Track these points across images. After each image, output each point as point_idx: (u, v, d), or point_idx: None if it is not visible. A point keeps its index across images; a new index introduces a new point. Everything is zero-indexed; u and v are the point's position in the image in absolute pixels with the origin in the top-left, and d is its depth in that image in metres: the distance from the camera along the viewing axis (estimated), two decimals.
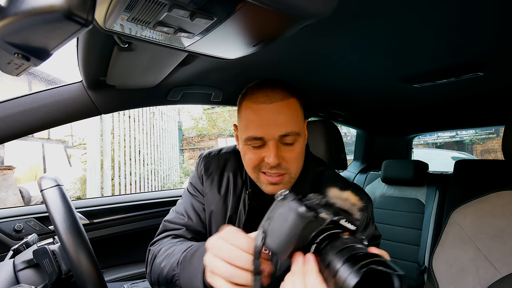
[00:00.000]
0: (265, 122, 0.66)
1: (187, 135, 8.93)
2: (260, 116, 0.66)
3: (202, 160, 0.88)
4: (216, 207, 0.81)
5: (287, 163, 0.69)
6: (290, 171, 0.70)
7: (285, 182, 0.71)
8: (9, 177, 4.36)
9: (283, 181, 0.70)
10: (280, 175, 0.69)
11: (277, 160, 0.66)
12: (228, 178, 0.83)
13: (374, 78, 1.10)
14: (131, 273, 1.28)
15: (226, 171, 0.83)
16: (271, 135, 0.66)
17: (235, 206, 0.79)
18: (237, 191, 0.80)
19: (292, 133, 0.67)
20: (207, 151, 0.91)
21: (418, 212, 1.60)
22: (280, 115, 0.66)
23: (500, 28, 0.70)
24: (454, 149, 8.71)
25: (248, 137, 0.68)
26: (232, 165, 0.84)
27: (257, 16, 0.44)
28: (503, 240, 0.71)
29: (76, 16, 0.29)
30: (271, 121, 0.66)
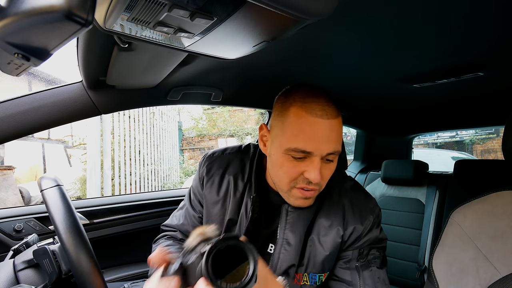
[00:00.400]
0: (319, 138, 0.63)
1: (187, 135, 8.93)
2: (314, 131, 0.62)
3: (206, 160, 0.86)
4: (214, 209, 0.80)
5: (323, 179, 0.66)
6: (322, 186, 0.69)
7: (314, 197, 0.70)
8: (9, 177, 4.36)
9: (314, 196, 0.69)
10: (313, 191, 0.67)
11: (318, 178, 0.63)
12: (228, 180, 0.81)
13: (374, 78, 1.10)
14: (131, 273, 1.28)
15: (228, 173, 0.82)
16: (320, 152, 0.63)
17: (235, 210, 0.77)
18: (237, 195, 0.78)
19: (337, 152, 0.65)
20: (212, 151, 0.89)
21: (418, 212, 1.60)
22: (333, 133, 0.64)
23: (500, 28, 0.70)
24: (454, 149, 8.71)
25: (294, 148, 0.64)
26: (234, 167, 0.82)
27: (257, 16, 0.44)
28: (503, 240, 0.71)
29: (76, 16, 0.29)
30: (325, 138, 0.63)
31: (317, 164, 0.63)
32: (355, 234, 0.72)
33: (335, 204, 0.75)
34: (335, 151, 0.65)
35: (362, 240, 0.73)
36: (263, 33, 0.51)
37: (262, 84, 1.17)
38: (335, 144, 0.64)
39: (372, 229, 0.74)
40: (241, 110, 8.78)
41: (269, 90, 1.27)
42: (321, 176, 0.65)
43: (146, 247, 1.39)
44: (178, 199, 1.47)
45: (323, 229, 0.73)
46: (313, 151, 0.63)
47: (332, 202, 0.76)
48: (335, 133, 0.64)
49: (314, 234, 0.73)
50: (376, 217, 0.75)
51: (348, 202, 0.75)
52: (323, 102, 0.64)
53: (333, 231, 0.72)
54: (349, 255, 0.73)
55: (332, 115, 0.63)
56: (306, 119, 0.63)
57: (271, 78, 1.10)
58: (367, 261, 0.72)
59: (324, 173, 0.66)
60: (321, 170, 0.64)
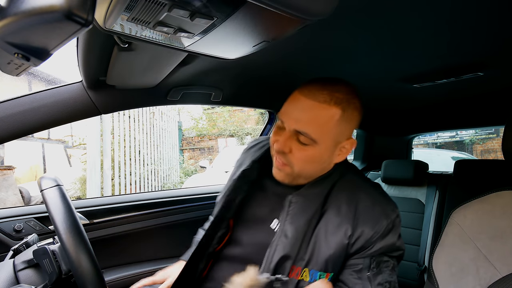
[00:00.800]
0: (291, 112, 0.69)
1: (187, 135, 8.93)
2: (292, 104, 0.69)
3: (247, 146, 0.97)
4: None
5: (293, 158, 0.70)
6: (293, 167, 0.71)
7: (287, 173, 0.73)
8: (9, 177, 4.36)
9: (285, 171, 0.73)
10: (283, 164, 0.72)
11: (281, 147, 0.69)
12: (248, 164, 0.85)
13: (374, 78, 1.10)
14: (131, 273, 1.28)
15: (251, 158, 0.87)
16: (288, 125, 0.69)
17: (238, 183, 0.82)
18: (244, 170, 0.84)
19: (307, 135, 0.67)
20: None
21: (418, 212, 1.60)
22: (306, 112, 0.67)
23: (500, 28, 0.70)
24: (454, 149, 8.71)
25: (278, 118, 0.73)
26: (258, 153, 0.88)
27: (257, 16, 0.44)
28: (503, 240, 0.71)
29: (76, 16, 0.29)
30: (296, 113, 0.68)
31: (284, 135, 0.69)
32: (364, 237, 0.68)
33: (348, 201, 0.72)
34: (303, 132, 0.67)
35: (375, 247, 0.69)
36: (263, 33, 0.51)
37: (262, 84, 1.17)
38: (307, 125, 0.67)
39: (386, 236, 0.69)
40: (241, 110, 8.78)
41: (269, 90, 1.27)
42: (290, 151, 0.69)
43: (146, 247, 1.40)
44: (178, 199, 1.47)
45: (331, 226, 0.70)
46: (284, 121, 0.70)
47: (343, 198, 0.73)
48: (309, 115, 0.67)
49: (321, 229, 0.70)
50: (391, 223, 0.70)
51: (363, 202, 0.72)
52: (318, 87, 0.68)
53: (341, 230, 0.69)
54: (360, 264, 0.69)
55: (317, 99, 0.66)
56: (294, 94, 0.71)
57: (271, 78, 1.10)
58: (379, 270, 0.68)
59: (296, 153, 0.69)
60: (292, 148, 0.69)
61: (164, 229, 1.41)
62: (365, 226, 0.69)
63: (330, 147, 0.70)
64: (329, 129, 0.68)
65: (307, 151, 0.69)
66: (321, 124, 0.67)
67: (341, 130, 0.69)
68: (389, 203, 0.74)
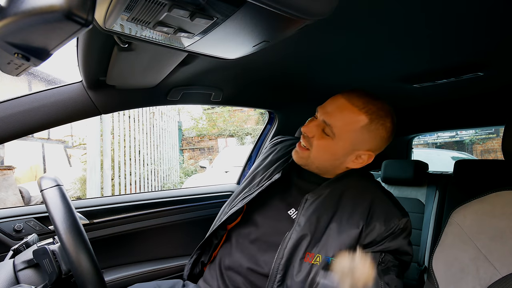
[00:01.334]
0: (327, 105, 0.78)
1: (187, 135, 8.93)
2: (331, 101, 0.78)
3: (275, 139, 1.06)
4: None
5: (314, 143, 0.77)
6: (312, 152, 0.78)
7: (303, 156, 0.80)
8: (9, 177, 4.36)
9: (303, 154, 0.80)
10: (303, 148, 0.80)
11: (307, 130, 0.78)
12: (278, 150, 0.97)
13: (374, 78, 1.10)
14: (131, 273, 1.28)
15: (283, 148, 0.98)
16: (321, 116, 0.77)
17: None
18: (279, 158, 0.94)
19: (331, 128, 0.75)
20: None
21: (418, 212, 1.60)
22: (337, 109, 0.75)
23: (500, 28, 0.70)
24: (454, 149, 8.71)
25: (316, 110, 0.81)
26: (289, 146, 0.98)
27: (257, 16, 0.44)
28: (503, 240, 0.71)
29: (76, 16, 0.29)
30: (329, 106, 0.77)
31: (314, 122, 0.78)
32: (376, 232, 0.73)
33: (363, 200, 0.78)
34: (330, 124, 0.75)
35: (385, 244, 0.73)
36: (263, 33, 0.51)
37: (262, 84, 1.17)
38: (334, 120, 0.74)
39: (397, 237, 0.74)
40: (241, 110, 8.78)
41: (269, 90, 1.27)
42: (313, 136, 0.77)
43: (146, 247, 1.40)
44: (178, 199, 1.47)
45: (345, 219, 0.76)
46: (318, 112, 0.79)
47: (358, 197, 0.78)
48: (339, 112, 0.74)
49: (335, 222, 0.76)
50: (403, 224, 0.75)
51: (378, 201, 0.78)
52: (359, 94, 0.76)
53: (354, 223, 0.74)
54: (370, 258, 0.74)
55: (353, 103, 0.74)
56: (337, 95, 0.78)
57: (271, 78, 1.10)
58: (387, 267, 0.72)
59: (316, 140, 0.77)
60: (315, 133, 0.77)
61: (164, 229, 1.41)
62: (377, 221, 0.74)
63: (346, 147, 0.76)
64: (351, 131, 0.74)
65: (325, 141, 0.76)
66: (346, 123, 0.74)
67: (362, 138, 0.75)
68: (401, 209, 0.79)
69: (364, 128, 0.74)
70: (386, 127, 0.77)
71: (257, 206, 0.87)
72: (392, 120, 0.78)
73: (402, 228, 0.75)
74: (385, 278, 0.70)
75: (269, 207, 0.86)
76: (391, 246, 0.73)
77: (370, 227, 0.74)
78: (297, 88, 1.24)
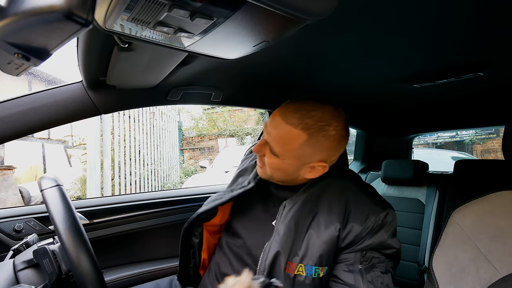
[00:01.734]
0: (268, 124, 0.77)
1: (187, 135, 8.93)
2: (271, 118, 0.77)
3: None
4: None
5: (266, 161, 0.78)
6: (267, 169, 0.79)
7: (264, 173, 0.81)
8: (9, 177, 4.36)
9: (262, 172, 0.82)
10: (260, 166, 0.82)
11: (256, 150, 0.79)
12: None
13: (374, 78, 1.10)
14: (131, 273, 1.28)
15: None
16: (264, 134, 0.78)
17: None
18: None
19: (272, 149, 0.75)
20: None
21: (418, 212, 1.60)
22: (274, 129, 0.74)
23: (500, 28, 0.70)
24: (454, 149, 8.71)
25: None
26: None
27: (257, 16, 0.44)
28: (503, 240, 0.71)
29: (76, 16, 0.29)
30: (269, 128, 0.76)
31: (261, 141, 0.79)
32: (353, 233, 0.72)
33: (339, 201, 0.76)
34: (271, 144, 0.75)
35: (364, 242, 0.72)
36: (263, 33, 0.51)
37: (262, 84, 1.17)
38: (273, 140, 0.75)
39: (376, 233, 0.72)
40: (241, 110, 8.78)
41: (269, 90, 1.27)
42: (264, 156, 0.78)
43: (146, 247, 1.40)
44: (178, 199, 1.47)
45: (323, 223, 0.74)
46: (264, 132, 0.79)
47: (335, 199, 0.77)
48: (276, 132, 0.74)
49: (314, 228, 0.75)
50: (380, 220, 0.73)
51: (353, 201, 0.76)
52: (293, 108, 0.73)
53: (332, 226, 0.73)
54: (351, 258, 0.72)
55: (287, 120, 0.72)
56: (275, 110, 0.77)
57: (272, 78, 1.10)
58: (370, 265, 0.71)
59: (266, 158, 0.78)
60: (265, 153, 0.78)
61: (164, 229, 1.41)
62: (354, 222, 0.73)
63: (294, 164, 0.75)
64: (292, 149, 0.73)
65: (273, 160, 0.76)
66: (284, 143, 0.73)
67: (306, 153, 0.73)
68: (378, 203, 0.77)
69: (304, 143, 0.71)
70: (330, 136, 0.72)
71: (237, 215, 0.88)
72: (336, 126, 0.72)
73: (380, 224, 0.73)
74: (368, 276, 0.70)
75: (249, 216, 0.86)
76: (372, 243, 0.72)
77: (347, 229, 0.72)
78: (297, 88, 1.24)
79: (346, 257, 0.73)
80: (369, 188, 0.83)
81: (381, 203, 0.77)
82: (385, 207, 0.76)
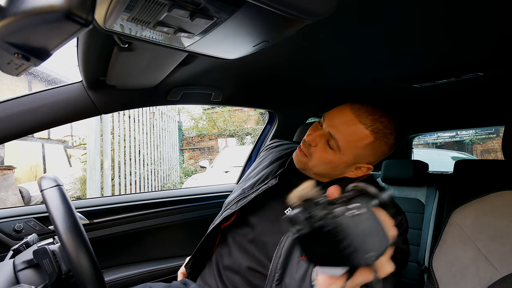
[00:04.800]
0: (335, 119, 0.77)
1: (187, 135, 8.93)
2: (339, 113, 0.78)
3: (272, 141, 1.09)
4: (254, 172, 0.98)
5: (314, 153, 0.78)
6: (312, 161, 0.79)
7: (303, 162, 0.81)
8: (9, 177, 4.36)
9: (302, 160, 0.82)
10: (303, 154, 0.81)
11: (311, 140, 0.78)
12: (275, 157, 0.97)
13: (374, 78, 1.10)
14: (131, 273, 1.28)
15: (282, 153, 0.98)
16: (327, 128, 0.77)
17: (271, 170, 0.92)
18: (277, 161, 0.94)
19: (336, 143, 0.75)
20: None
21: (418, 212, 1.60)
22: (345, 125, 0.75)
23: (500, 28, 0.70)
24: (454, 149, 8.71)
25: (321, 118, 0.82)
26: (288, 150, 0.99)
27: (257, 16, 0.44)
28: (503, 240, 0.71)
29: (76, 16, 0.29)
30: (337, 122, 0.76)
31: (318, 132, 0.78)
32: None
33: None
34: (336, 138, 0.75)
35: None
36: (263, 33, 0.51)
37: (262, 84, 1.17)
38: (341, 134, 0.75)
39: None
40: (241, 110, 8.78)
41: (269, 90, 1.27)
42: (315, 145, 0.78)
43: (146, 247, 1.40)
44: (178, 199, 1.47)
45: None
46: (324, 122, 0.79)
47: None
48: (348, 128, 0.74)
49: None
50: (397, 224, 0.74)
51: None
52: (367, 109, 0.76)
53: None
54: None
55: (361, 120, 0.74)
56: (345, 106, 0.78)
57: (271, 78, 1.10)
58: None
59: (318, 150, 0.78)
60: (318, 144, 0.78)
61: (164, 229, 1.41)
62: None
63: (348, 161, 0.77)
64: (356, 147, 0.75)
65: (328, 154, 0.77)
66: (352, 140, 0.75)
67: (365, 153, 0.76)
68: (395, 206, 0.79)
69: (368, 145, 0.75)
70: (389, 144, 0.78)
71: (252, 208, 0.87)
72: (395, 136, 0.79)
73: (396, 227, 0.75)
74: None
75: (266, 209, 0.86)
76: None
77: None
78: (297, 88, 1.24)
79: None
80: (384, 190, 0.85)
81: (397, 206, 0.79)
82: (400, 210, 0.78)
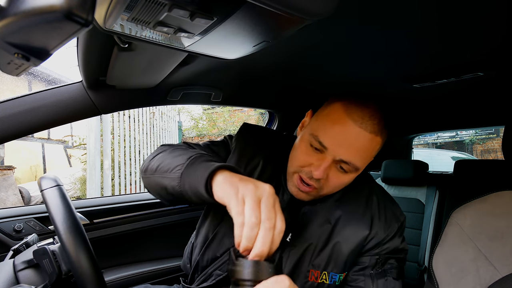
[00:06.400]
0: (339, 140, 0.63)
1: (187, 135, 8.92)
2: (340, 130, 0.63)
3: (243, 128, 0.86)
4: None
5: (326, 184, 0.67)
6: (322, 190, 0.68)
7: (311, 194, 0.69)
8: (9, 177, 4.36)
9: (312, 193, 0.68)
10: (311, 188, 0.67)
11: (322, 176, 0.64)
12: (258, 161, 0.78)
13: (374, 78, 1.10)
14: (131, 273, 1.28)
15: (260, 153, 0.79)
16: (333, 153, 0.63)
17: None
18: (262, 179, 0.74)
19: (353, 165, 0.64)
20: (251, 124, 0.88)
21: (418, 212, 1.60)
22: (357, 142, 0.63)
23: (500, 28, 0.70)
24: (454, 149, 8.70)
25: (315, 136, 0.65)
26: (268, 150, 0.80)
27: (257, 16, 0.44)
28: (503, 240, 0.71)
29: (76, 16, 0.29)
30: (346, 143, 0.63)
31: (326, 163, 0.63)
32: (376, 239, 0.71)
33: (361, 202, 0.75)
34: (350, 161, 0.63)
35: (382, 247, 0.72)
36: (263, 33, 0.51)
37: (262, 84, 1.17)
38: (354, 155, 0.63)
39: (394, 238, 0.73)
40: (241, 110, 8.78)
41: (269, 90, 1.27)
42: (327, 179, 0.65)
43: (146, 247, 1.40)
44: None
45: (349, 228, 0.71)
46: (328, 148, 0.63)
47: (357, 199, 0.75)
48: (360, 145, 0.63)
49: (339, 233, 0.71)
50: (400, 226, 0.74)
51: (377, 205, 0.75)
52: (367, 112, 0.63)
53: (359, 232, 0.71)
54: (365, 262, 0.72)
55: (368, 129, 0.62)
56: (342, 118, 0.63)
57: (271, 78, 1.10)
58: (383, 270, 0.71)
59: (332, 178, 0.66)
60: (329, 173, 0.65)
61: (164, 229, 1.41)
62: (378, 228, 0.72)
63: (361, 170, 0.69)
64: (371, 156, 0.68)
65: (344, 178, 0.67)
66: (368, 154, 0.66)
67: (373, 156, 0.70)
68: (398, 206, 0.78)
69: (379, 148, 0.69)
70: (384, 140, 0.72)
71: None
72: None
73: (400, 229, 0.74)
74: (379, 282, 0.69)
75: None
76: (388, 247, 0.72)
77: (372, 235, 0.72)
78: (297, 88, 1.24)
79: (360, 260, 0.73)
80: (387, 193, 0.82)
81: (398, 207, 0.78)
82: (401, 212, 0.77)
